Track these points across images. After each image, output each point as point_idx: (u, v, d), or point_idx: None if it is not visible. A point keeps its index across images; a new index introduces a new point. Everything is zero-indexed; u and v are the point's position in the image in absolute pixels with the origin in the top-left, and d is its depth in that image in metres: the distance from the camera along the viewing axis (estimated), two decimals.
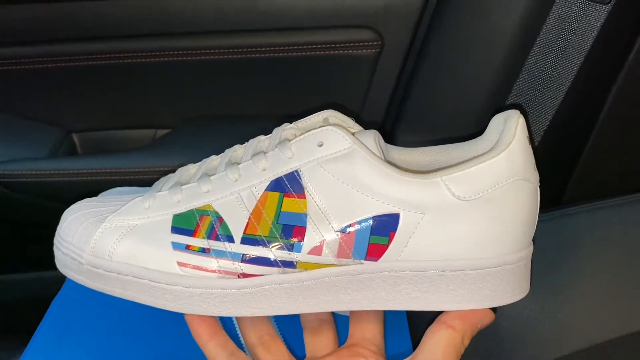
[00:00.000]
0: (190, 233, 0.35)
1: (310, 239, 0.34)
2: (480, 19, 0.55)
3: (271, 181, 0.35)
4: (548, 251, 0.53)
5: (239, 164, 0.37)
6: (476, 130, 0.60)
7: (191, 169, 0.40)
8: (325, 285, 0.35)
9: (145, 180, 0.62)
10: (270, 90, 0.67)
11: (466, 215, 0.33)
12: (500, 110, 0.38)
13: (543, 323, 0.50)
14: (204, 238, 0.35)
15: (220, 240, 0.35)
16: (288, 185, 0.35)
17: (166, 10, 0.63)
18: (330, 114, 0.39)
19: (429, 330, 0.34)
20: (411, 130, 0.64)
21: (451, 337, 0.33)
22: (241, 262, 0.35)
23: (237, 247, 0.35)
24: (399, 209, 0.33)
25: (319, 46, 0.63)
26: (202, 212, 0.36)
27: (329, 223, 0.34)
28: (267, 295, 0.35)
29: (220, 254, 0.35)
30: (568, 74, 0.54)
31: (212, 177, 0.37)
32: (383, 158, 0.34)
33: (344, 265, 0.34)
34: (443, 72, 0.60)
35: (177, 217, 0.36)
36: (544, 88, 0.55)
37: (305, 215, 0.34)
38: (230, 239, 0.35)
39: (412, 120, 0.64)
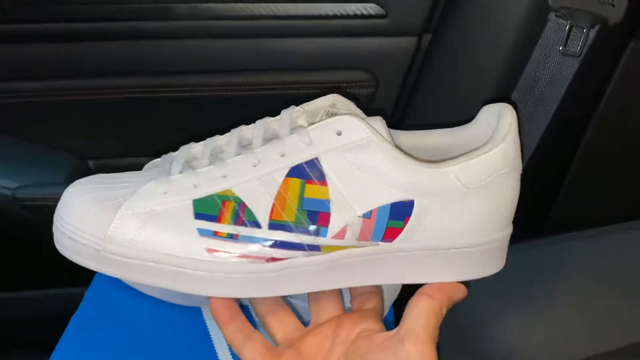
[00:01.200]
0: (215, 219, 0.36)
1: (335, 224, 0.36)
2: (466, 70, 0.61)
3: (291, 167, 0.36)
4: (527, 276, 0.58)
5: (253, 147, 0.37)
6: None
7: (194, 147, 0.40)
8: (344, 265, 0.37)
9: None
10: None
11: (469, 200, 0.37)
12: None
13: (529, 340, 0.55)
14: (230, 224, 0.35)
15: (247, 226, 0.36)
16: (309, 172, 0.36)
17: (176, 50, 0.68)
18: (336, 98, 0.40)
19: (410, 302, 0.37)
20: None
21: (432, 306, 0.36)
22: (270, 247, 0.36)
23: (265, 233, 0.36)
24: (414, 195, 0.36)
25: (316, 84, 0.67)
26: (223, 198, 0.36)
27: (352, 209, 0.36)
28: (292, 277, 0.37)
29: (249, 240, 0.36)
30: (545, 117, 0.59)
31: (227, 161, 0.37)
32: (393, 144, 0.36)
33: (362, 247, 0.37)
34: (433, 114, 0.65)
35: (197, 203, 0.36)
36: (523, 128, 0.60)
37: (329, 201, 0.36)
38: (257, 225, 0.36)
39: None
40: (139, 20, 0.65)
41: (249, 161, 0.36)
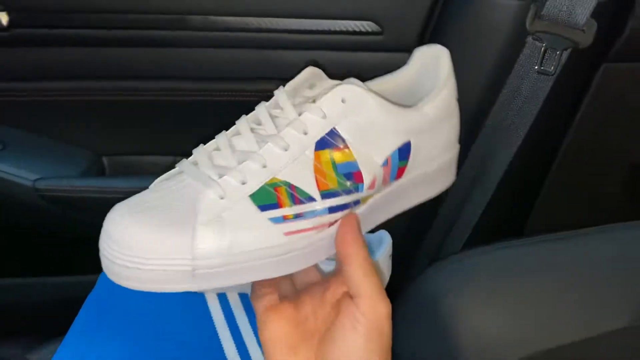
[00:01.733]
0: (277, 206, 0.37)
1: (367, 179, 0.40)
2: (455, 74, 0.65)
3: (316, 142, 0.39)
4: (501, 273, 0.63)
5: (277, 132, 0.39)
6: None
7: (209, 148, 0.40)
8: (375, 208, 0.42)
9: None
10: None
11: (437, 130, 0.43)
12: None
13: (500, 332, 0.59)
14: (291, 206, 0.38)
15: (306, 203, 0.38)
16: (332, 141, 0.39)
17: (188, 57, 0.73)
18: (311, 70, 0.44)
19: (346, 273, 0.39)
20: None
21: (360, 262, 0.38)
22: (329, 213, 0.39)
23: (321, 204, 0.39)
24: (409, 136, 0.41)
25: None
26: (273, 185, 0.38)
27: (375, 162, 0.40)
28: None
29: (312, 214, 0.38)
30: (523, 129, 0.65)
31: (260, 152, 0.38)
32: (382, 98, 0.40)
33: (384, 189, 0.42)
34: None
35: (254, 197, 0.37)
36: (502, 138, 0.66)
37: (356, 162, 0.39)
38: (312, 199, 0.38)
39: None
40: (156, 29, 0.70)
41: (280, 146, 0.38)
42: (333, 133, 0.39)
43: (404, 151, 0.42)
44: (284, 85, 0.42)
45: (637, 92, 0.72)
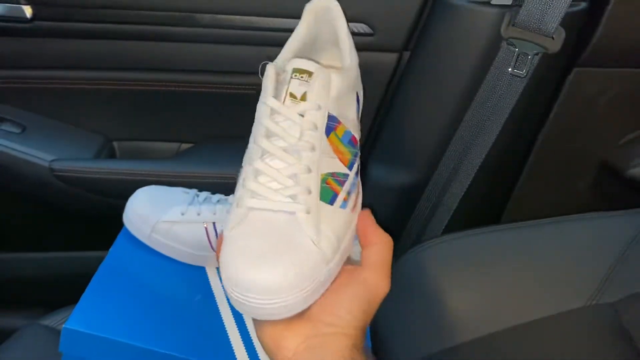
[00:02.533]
0: (336, 194, 0.43)
1: (357, 137, 0.46)
2: (434, 83, 0.72)
3: (325, 130, 0.43)
4: (477, 257, 0.68)
5: (301, 137, 0.42)
6: (431, 161, 0.76)
7: (251, 177, 0.42)
8: None
9: (170, 183, 0.71)
10: None
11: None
12: None
13: (478, 309, 0.64)
14: (342, 188, 0.43)
15: (346, 180, 0.44)
16: (331, 123, 0.43)
17: (195, 52, 0.77)
18: (273, 67, 0.45)
19: (367, 249, 0.44)
20: (382, 159, 0.81)
21: (385, 246, 0.44)
22: (356, 177, 0.46)
23: (352, 173, 0.45)
24: (357, 89, 0.47)
25: None
26: (324, 181, 0.42)
27: (357, 125, 0.47)
28: None
29: (352, 185, 0.45)
30: (496, 127, 0.70)
31: (302, 161, 0.41)
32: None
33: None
34: (406, 119, 0.76)
35: (322, 197, 0.42)
36: (479, 134, 0.71)
37: (348, 129, 0.45)
38: (346, 175, 0.44)
39: (383, 152, 0.81)
40: (165, 25, 0.74)
41: (309, 148, 0.42)
42: (330, 116, 0.43)
43: (358, 102, 0.48)
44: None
45: (606, 95, 0.78)
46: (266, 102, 0.43)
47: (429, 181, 0.77)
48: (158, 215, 0.63)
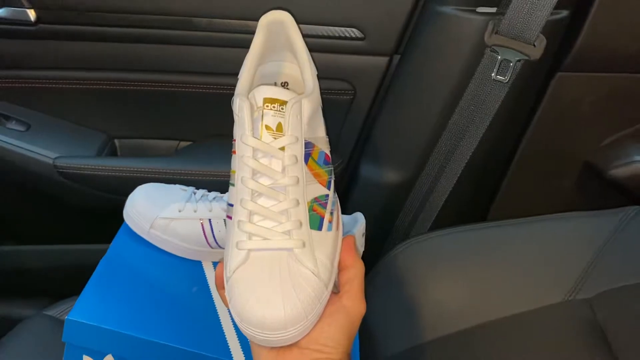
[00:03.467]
0: (322, 218, 0.45)
1: (329, 153, 0.48)
2: (422, 86, 0.74)
3: (304, 157, 0.45)
4: (461, 252, 0.70)
5: (285, 172, 0.43)
6: (419, 161, 0.78)
7: (242, 215, 0.44)
8: None
9: (168, 180, 0.72)
10: None
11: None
12: None
13: (462, 303, 0.65)
14: (325, 211, 0.46)
15: (327, 201, 0.46)
16: (308, 150, 0.45)
17: (195, 54, 0.78)
18: (244, 101, 0.45)
19: (342, 274, 0.46)
20: (372, 158, 0.83)
21: (357, 272, 0.46)
22: (334, 194, 0.48)
23: (331, 192, 0.47)
24: (318, 104, 0.48)
25: None
26: (310, 208, 0.45)
27: (327, 143, 0.48)
28: None
29: (333, 204, 0.47)
30: (480, 129, 0.73)
31: (289, 195, 0.43)
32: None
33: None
34: (396, 121, 0.78)
35: (311, 225, 0.44)
36: (464, 136, 0.74)
37: (322, 150, 0.47)
38: (327, 196, 0.46)
39: (374, 151, 0.83)
40: (164, 29, 0.76)
41: (293, 181, 0.44)
42: (306, 143, 0.45)
43: (324, 119, 0.49)
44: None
45: (589, 99, 0.80)
46: (247, 143, 0.43)
47: (417, 180, 0.80)
48: (156, 211, 0.65)
